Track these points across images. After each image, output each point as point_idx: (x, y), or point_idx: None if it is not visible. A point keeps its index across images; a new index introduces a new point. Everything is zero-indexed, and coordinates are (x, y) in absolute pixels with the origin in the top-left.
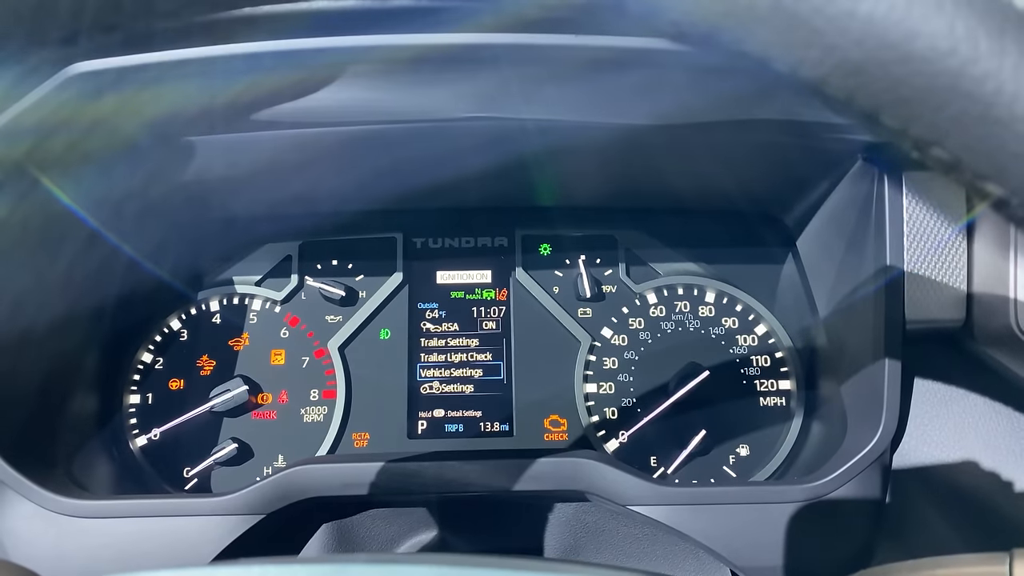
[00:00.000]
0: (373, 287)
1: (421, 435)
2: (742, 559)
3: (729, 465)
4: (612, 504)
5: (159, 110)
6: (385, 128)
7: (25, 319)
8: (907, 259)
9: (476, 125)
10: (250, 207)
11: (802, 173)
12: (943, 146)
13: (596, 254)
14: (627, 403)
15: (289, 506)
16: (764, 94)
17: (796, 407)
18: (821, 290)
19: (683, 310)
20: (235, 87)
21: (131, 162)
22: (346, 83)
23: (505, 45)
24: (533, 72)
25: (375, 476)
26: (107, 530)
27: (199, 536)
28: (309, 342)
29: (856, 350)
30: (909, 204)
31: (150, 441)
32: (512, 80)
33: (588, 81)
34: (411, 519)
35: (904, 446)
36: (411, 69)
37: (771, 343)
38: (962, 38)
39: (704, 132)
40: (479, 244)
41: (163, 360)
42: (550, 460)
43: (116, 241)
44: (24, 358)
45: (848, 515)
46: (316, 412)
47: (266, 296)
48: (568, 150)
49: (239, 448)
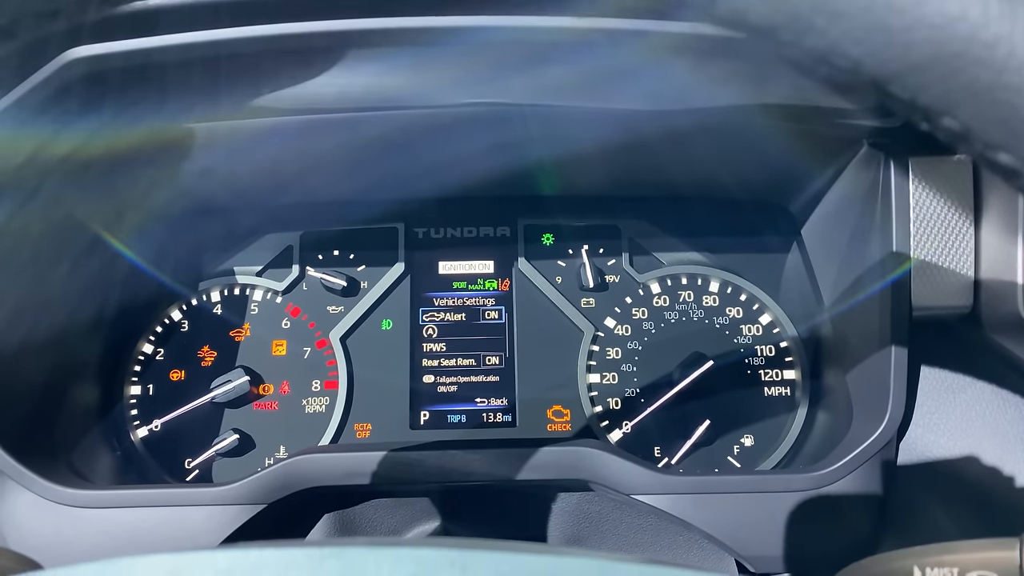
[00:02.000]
0: (375, 277)
1: (423, 426)
2: (747, 548)
3: (733, 455)
4: (615, 493)
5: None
6: (385, 115)
7: (27, 314)
8: (914, 245)
9: (477, 113)
10: (251, 197)
11: (807, 160)
12: (954, 115)
13: (599, 244)
14: (630, 393)
15: (291, 496)
16: (767, 76)
17: (801, 397)
18: (826, 279)
19: (687, 300)
20: (237, 73)
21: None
22: (347, 68)
23: (506, 27)
24: (533, 55)
25: (377, 466)
26: (108, 520)
27: (201, 526)
28: (311, 333)
29: (862, 338)
30: (915, 190)
31: (151, 432)
32: (510, 64)
33: (588, 64)
34: (413, 509)
35: (910, 435)
36: (411, 54)
37: (776, 332)
38: (972, 2)
39: (708, 119)
40: (481, 234)
41: (164, 351)
42: (553, 449)
43: (119, 240)
44: (26, 350)
45: (853, 504)
46: (318, 403)
47: (267, 287)
48: (570, 139)
49: (240, 439)
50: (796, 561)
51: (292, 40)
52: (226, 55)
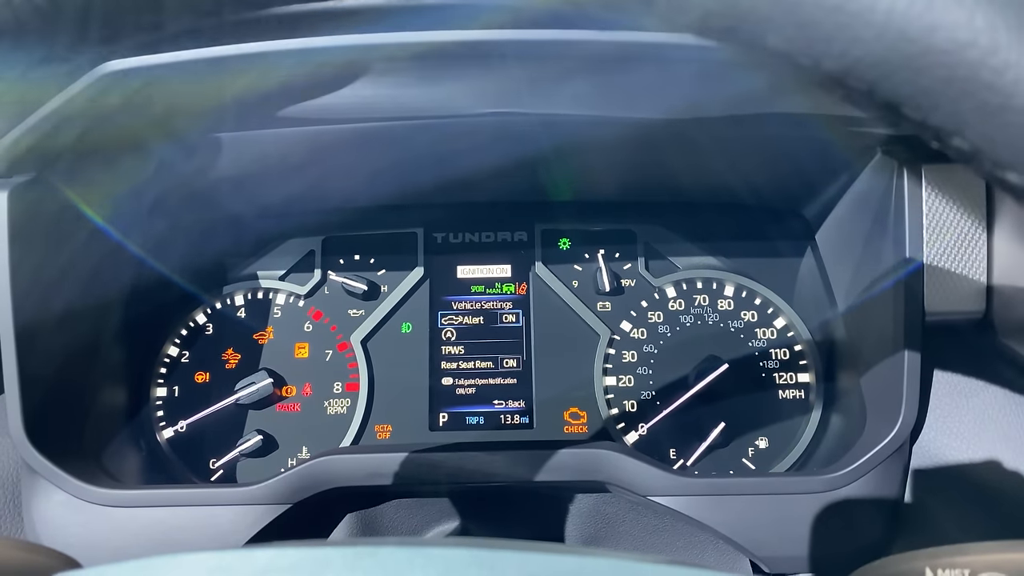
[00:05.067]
0: (395, 281)
1: (442, 427)
2: (762, 549)
3: (748, 457)
4: (632, 495)
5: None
6: (404, 125)
7: (57, 320)
8: (927, 251)
9: (494, 121)
10: (273, 203)
11: (821, 167)
12: (963, 136)
13: (615, 248)
14: (646, 396)
15: (314, 496)
16: (783, 88)
17: (815, 400)
18: (840, 283)
19: (702, 304)
20: (256, 84)
21: (159, 161)
22: (364, 80)
23: (523, 41)
24: (551, 68)
25: (399, 467)
26: (138, 519)
27: (227, 525)
28: (332, 335)
29: (876, 343)
30: (929, 197)
31: (177, 433)
32: (529, 76)
33: (606, 76)
34: (433, 509)
35: (923, 438)
36: (428, 65)
37: (790, 336)
38: (982, 30)
39: (723, 127)
40: (499, 239)
41: (189, 353)
42: (571, 451)
43: (143, 246)
44: (56, 355)
45: (866, 507)
46: (339, 404)
47: (290, 290)
48: (587, 145)
49: (264, 440)
50: (810, 562)
51: (319, 53)
52: (255, 69)
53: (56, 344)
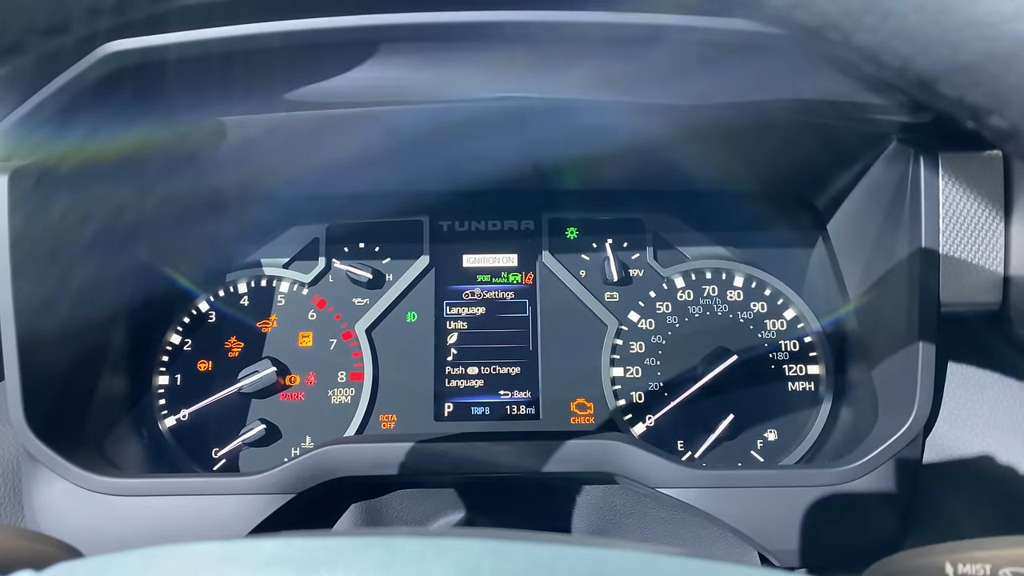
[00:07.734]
0: (400, 270)
1: (447, 417)
2: (771, 542)
3: (757, 450)
4: (641, 486)
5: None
6: (409, 109)
7: (57, 307)
8: (943, 241)
9: (501, 106)
10: (277, 190)
11: (835, 155)
12: (1002, 114)
13: (623, 238)
14: (654, 387)
15: (319, 486)
16: (800, 71)
17: (825, 392)
18: (852, 273)
19: (711, 294)
20: (267, 68)
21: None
22: (376, 63)
23: (542, 22)
24: (559, 50)
25: (404, 456)
26: (140, 507)
27: (230, 515)
28: (336, 324)
29: (889, 333)
30: (945, 185)
31: (179, 421)
32: (536, 59)
33: (619, 60)
34: (439, 500)
35: (936, 432)
36: (439, 49)
37: (800, 327)
38: None
39: (736, 114)
40: (505, 227)
41: (192, 342)
42: (579, 442)
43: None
44: (57, 342)
45: (879, 501)
46: (344, 394)
47: (294, 278)
48: (596, 132)
49: (267, 429)
50: (819, 556)
51: (324, 35)
52: (259, 50)
53: (57, 331)
